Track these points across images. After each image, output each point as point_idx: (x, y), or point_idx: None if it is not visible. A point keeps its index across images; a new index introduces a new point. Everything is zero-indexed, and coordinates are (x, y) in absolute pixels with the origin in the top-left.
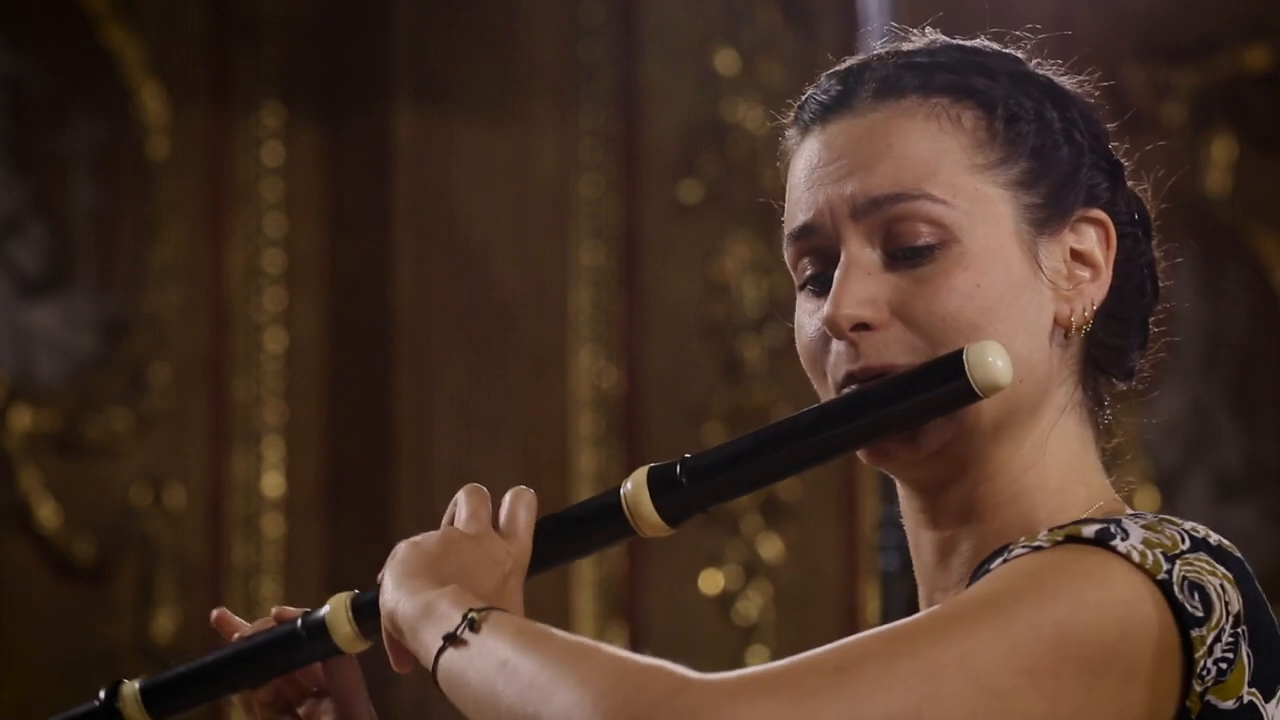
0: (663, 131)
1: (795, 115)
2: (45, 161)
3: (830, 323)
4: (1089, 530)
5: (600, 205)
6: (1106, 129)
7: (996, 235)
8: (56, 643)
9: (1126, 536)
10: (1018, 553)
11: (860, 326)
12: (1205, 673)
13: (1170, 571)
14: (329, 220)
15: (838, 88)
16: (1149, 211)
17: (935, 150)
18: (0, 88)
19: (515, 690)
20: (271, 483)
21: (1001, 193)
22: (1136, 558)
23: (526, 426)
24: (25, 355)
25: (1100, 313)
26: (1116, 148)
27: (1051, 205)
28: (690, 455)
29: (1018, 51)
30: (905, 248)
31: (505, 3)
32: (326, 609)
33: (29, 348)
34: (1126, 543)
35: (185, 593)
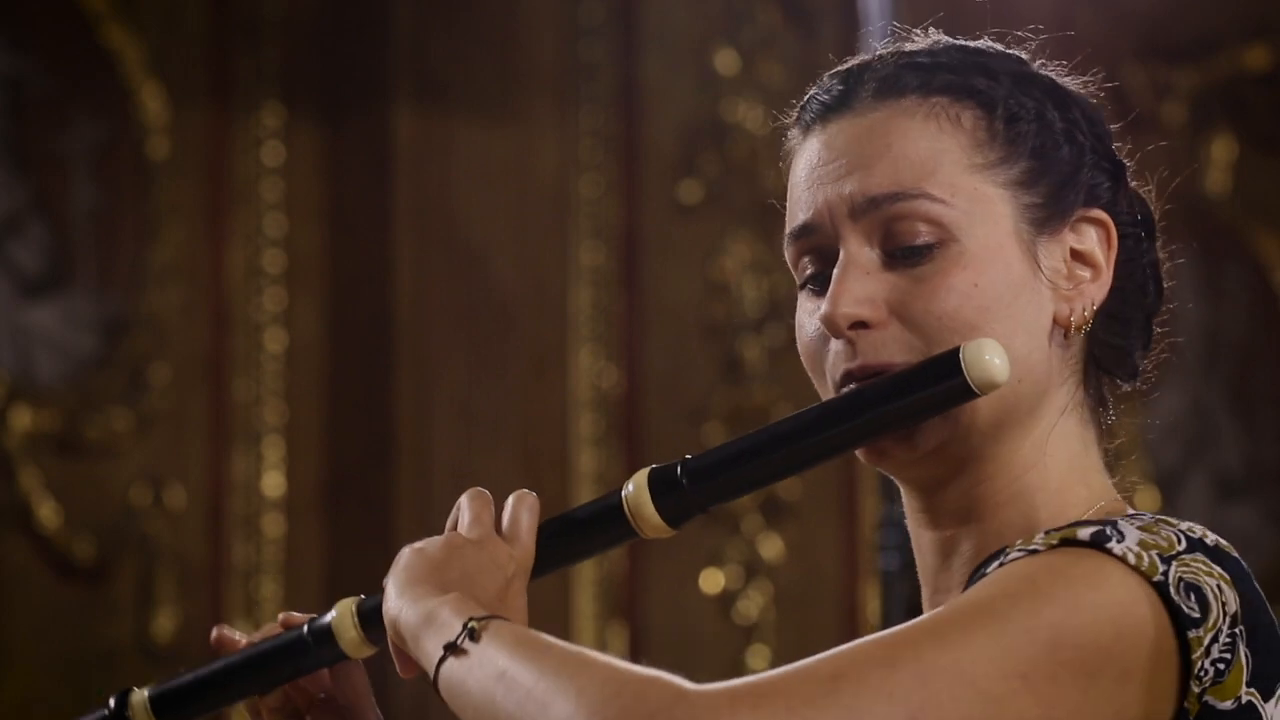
0: (663, 131)
1: (797, 115)
2: (45, 161)
3: (828, 321)
4: (1084, 533)
5: (600, 205)
6: (1110, 130)
7: (995, 235)
8: (56, 643)
9: (1122, 538)
10: (1013, 556)
11: (858, 325)
12: (1203, 673)
13: (1166, 573)
14: (329, 220)
15: (839, 87)
16: (1153, 212)
17: (934, 149)
18: (0, 88)
19: (514, 700)
20: (271, 483)
21: (1001, 192)
22: (1132, 560)
23: (526, 426)
24: (25, 355)
25: (1101, 313)
26: (1119, 148)
27: (1051, 205)
28: (691, 456)
29: (1021, 52)
30: (904, 247)
31: (505, 3)
32: (332, 614)
33: (29, 348)
34: (1122, 545)
35: (185, 593)
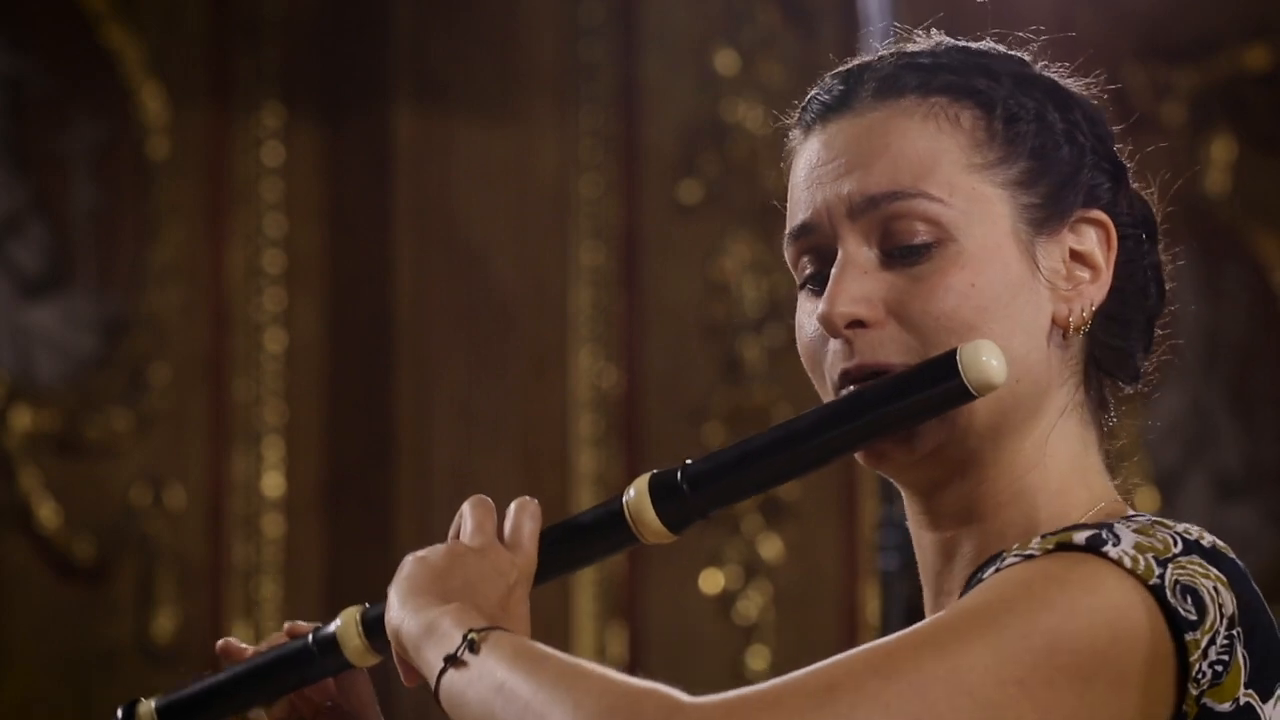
0: (663, 131)
1: (798, 116)
2: (45, 161)
3: (825, 320)
4: (1080, 537)
5: (600, 205)
6: (1111, 131)
7: (993, 235)
8: (56, 643)
9: (1118, 542)
10: (1010, 561)
11: (855, 324)
12: (1200, 676)
13: (1162, 576)
14: (329, 220)
15: (839, 88)
16: (1154, 214)
17: (933, 149)
18: (0, 88)
19: (512, 712)
20: (271, 483)
21: (999, 192)
22: (1128, 563)
23: (526, 426)
24: (25, 355)
25: (1101, 314)
26: (1121, 150)
27: (1050, 205)
28: (691, 461)
29: (1023, 54)
30: (901, 246)
31: (505, 3)
32: (337, 624)
33: (29, 348)
34: (1118, 548)
35: (185, 593)
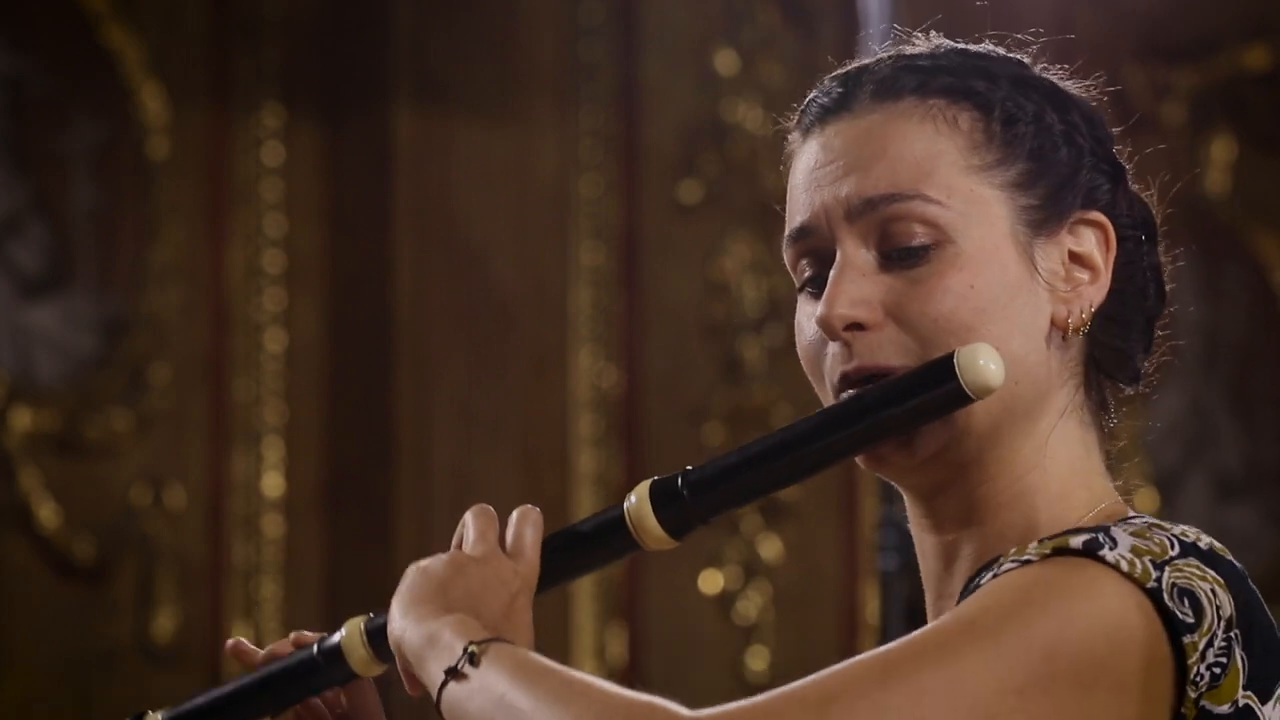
0: (663, 131)
1: (797, 118)
2: (45, 161)
3: (823, 323)
4: (1077, 541)
5: (600, 205)
6: (1110, 132)
7: (992, 236)
8: (56, 643)
9: (1115, 545)
10: (1007, 567)
11: (854, 327)
12: (1199, 678)
13: (1159, 579)
14: (329, 220)
15: (838, 90)
16: (1154, 215)
17: (931, 151)
18: (0, 88)
19: None
20: (271, 483)
21: (997, 194)
22: (1125, 567)
23: (526, 426)
24: (25, 355)
25: (1100, 315)
26: (1120, 151)
27: (1049, 207)
28: (691, 467)
29: (1023, 56)
30: (900, 248)
31: (505, 3)
32: (341, 634)
33: (29, 348)
34: (1115, 552)
35: (185, 593)
